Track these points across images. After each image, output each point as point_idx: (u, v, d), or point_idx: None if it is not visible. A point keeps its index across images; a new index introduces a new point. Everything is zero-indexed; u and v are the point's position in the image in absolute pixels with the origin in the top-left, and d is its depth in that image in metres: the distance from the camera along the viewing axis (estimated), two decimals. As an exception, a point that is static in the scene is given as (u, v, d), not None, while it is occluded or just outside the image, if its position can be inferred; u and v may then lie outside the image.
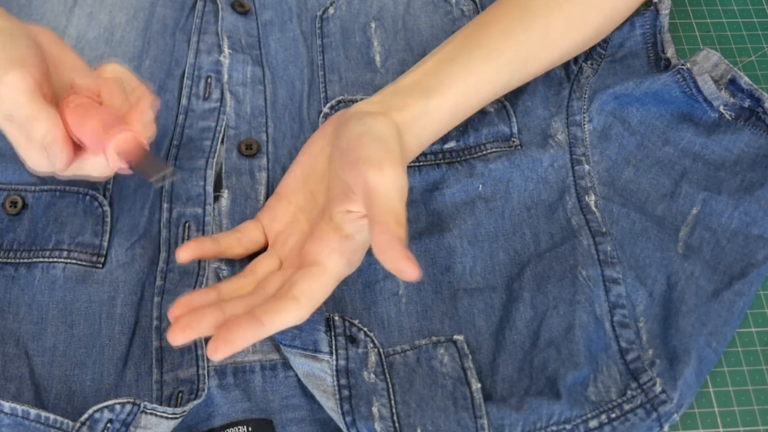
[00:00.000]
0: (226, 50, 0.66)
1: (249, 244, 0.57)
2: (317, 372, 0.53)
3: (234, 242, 0.56)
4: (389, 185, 0.49)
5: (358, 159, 0.51)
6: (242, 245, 0.56)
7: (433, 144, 0.61)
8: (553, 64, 0.62)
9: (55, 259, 0.57)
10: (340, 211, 0.52)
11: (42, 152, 0.51)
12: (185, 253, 0.54)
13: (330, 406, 0.52)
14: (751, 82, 0.62)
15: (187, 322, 0.48)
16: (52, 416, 0.49)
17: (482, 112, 0.63)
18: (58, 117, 0.51)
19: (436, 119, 0.57)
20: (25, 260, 0.57)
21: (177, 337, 0.48)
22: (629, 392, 0.53)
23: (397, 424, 0.51)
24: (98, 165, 0.54)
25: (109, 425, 0.49)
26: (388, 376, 0.53)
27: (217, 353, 0.47)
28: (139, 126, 0.52)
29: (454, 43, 0.59)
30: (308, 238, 0.53)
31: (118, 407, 0.49)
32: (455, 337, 0.55)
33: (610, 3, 0.62)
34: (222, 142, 0.63)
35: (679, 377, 0.53)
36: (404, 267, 0.46)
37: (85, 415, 0.49)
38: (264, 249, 0.57)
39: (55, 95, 0.54)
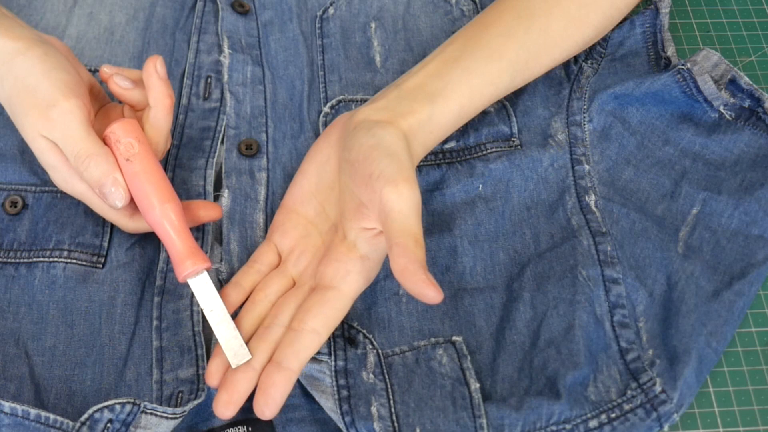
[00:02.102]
0: (226, 50, 0.66)
1: (268, 270, 0.56)
2: (316, 373, 0.53)
3: (255, 275, 0.56)
4: (405, 204, 0.49)
5: (371, 175, 0.50)
6: (263, 274, 0.56)
7: (433, 144, 0.61)
8: (554, 63, 0.62)
9: (56, 259, 0.57)
10: (355, 229, 0.52)
11: (95, 189, 0.52)
12: None
13: (329, 406, 0.52)
14: (751, 82, 0.62)
15: (227, 399, 0.50)
16: (52, 416, 0.49)
17: (482, 112, 0.63)
18: (113, 159, 0.52)
19: (441, 123, 0.57)
20: (25, 260, 0.57)
21: (225, 413, 0.49)
22: (629, 392, 0.53)
23: (396, 424, 0.51)
24: (130, 224, 0.56)
25: (109, 425, 0.49)
26: (387, 376, 0.53)
27: (266, 414, 0.49)
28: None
29: (455, 44, 0.59)
30: (323, 258, 0.53)
31: (118, 407, 0.49)
32: (454, 338, 0.55)
33: (609, 1, 0.62)
34: (222, 141, 0.63)
35: (679, 377, 0.53)
36: (427, 291, 0.46)
37: (85, 415, 0.49)
38: None
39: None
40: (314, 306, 0.51)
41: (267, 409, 0.49)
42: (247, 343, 0.52)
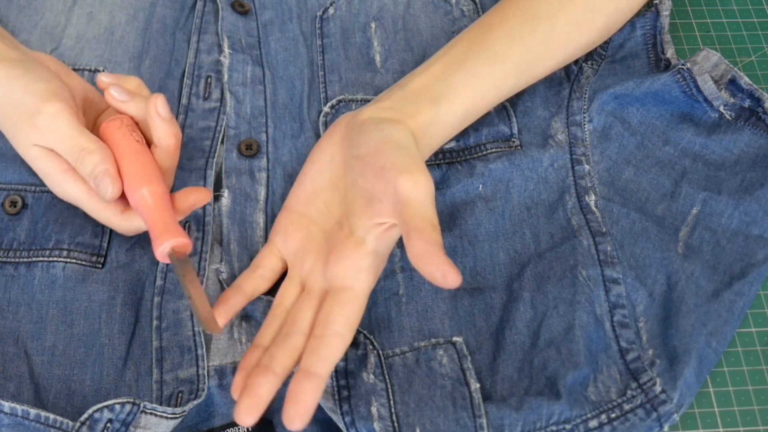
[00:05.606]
0: (226, 50, 0.66)
1: (271, 274, 0.56)
2: (317, 372, 0.53)
3: (257, 281, 0.55)
4: (421, 191, 0.48)
5: (383, 167, 0.50)
6: (266, 279, 0.56)
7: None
8: (557, 66, 0.62)
9: (55, 259, 0.57)
10: (365, 225, 0.51)
11: (90, 182, 0.53)
12: (222, 321, 0.53)
13: (329, 406, 0.52)
14: (751, 82, 0.62)
15: (248, 404, 0.48)
16: (51, 416, 0.49)
17: (482, 113, 0.63)
18: (108, 150, 0.53)
19: (445, 125, 0.57)
20: (25, 260, 0.57)
21: (248, 420, 0.48)
22: (629, 392, 0.53)
23: (396, 424, 0.51)
24: (122, 222, 0.55)
25: (108, 425, 0.49)
26: (387, 376, 0.53)
27: (297, 425, 0.47)
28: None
29: (460, 46, 0.59)
30: (330, 258, 0.52)
31: (117, 407, 0.49)
32: (454, 339, 0.55)
33: (614, 5, 0.62)
34: (222, 142, 0.63)
35: (679, 377, 0.53)
36: (447, 273, 0.46)
37: (85, 415, 0.49)
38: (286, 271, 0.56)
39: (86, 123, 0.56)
40: (333, 309, 0.50)
41: (298, 418, 0.47)
42: (267, 350, 0.51)
